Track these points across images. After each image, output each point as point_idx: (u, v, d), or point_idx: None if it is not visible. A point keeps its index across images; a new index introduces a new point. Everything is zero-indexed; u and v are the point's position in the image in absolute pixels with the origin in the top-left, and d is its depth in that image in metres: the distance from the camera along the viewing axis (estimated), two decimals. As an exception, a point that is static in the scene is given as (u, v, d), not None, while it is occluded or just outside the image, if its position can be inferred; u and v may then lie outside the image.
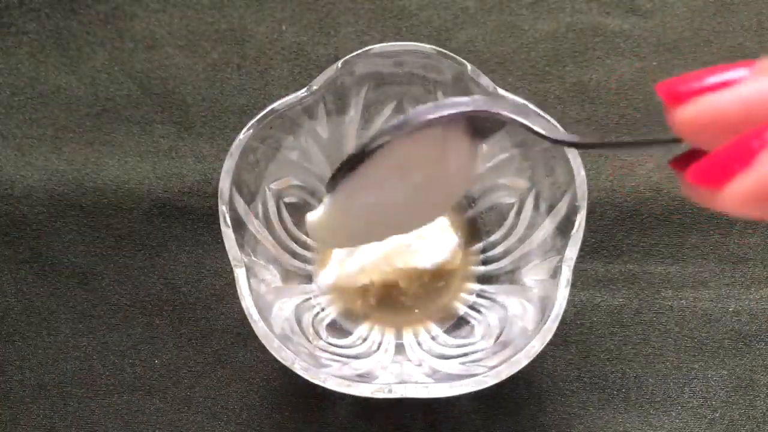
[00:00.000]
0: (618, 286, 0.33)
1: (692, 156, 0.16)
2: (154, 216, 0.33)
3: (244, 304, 0.25)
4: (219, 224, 0.26)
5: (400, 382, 0.25)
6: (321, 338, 0.29)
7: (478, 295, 0.31)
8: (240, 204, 0.27)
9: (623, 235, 0.34)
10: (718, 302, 0.33)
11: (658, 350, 0.32)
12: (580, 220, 0.26)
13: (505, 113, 0.21)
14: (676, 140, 0.16)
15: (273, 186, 0.30)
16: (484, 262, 0.32)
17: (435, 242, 0.32)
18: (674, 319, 0.33)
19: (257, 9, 0.36)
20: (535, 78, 0.35)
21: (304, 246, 0.31)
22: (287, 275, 0.30)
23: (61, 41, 0.36)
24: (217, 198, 0.26)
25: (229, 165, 0.26)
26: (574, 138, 0.20)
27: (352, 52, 0.28)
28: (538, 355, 0.24)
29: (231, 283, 0.25)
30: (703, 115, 0.15)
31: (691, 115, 0.15)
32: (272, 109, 0.27)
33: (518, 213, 0.30)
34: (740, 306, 0.33)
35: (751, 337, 0.32)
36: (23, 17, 0.36)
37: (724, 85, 0.15)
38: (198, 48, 0.36)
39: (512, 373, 0.24)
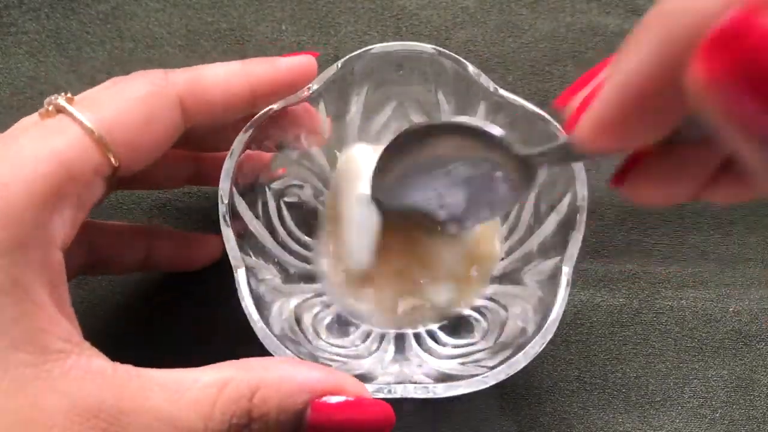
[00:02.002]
0: (618, 286, 0.33)
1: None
2: (154, 216, 0.33)
3: (244, 304, 0.25)
4: (219, 224, 0.26)
5: (400, 382, 0.25)
6: (321, 338, 0.29)
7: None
8: (240, 204, 0.27)
9: (623, 235, 0.34)
10: (718, 302, 0.33)
11: (658, 350, 0.32)
12: (581, 220, 0.26)
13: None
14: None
15: (273, 186, 0.30)
16: None
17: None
18: (674, 319, 0.33)
19: (257, 9, 0.36)
20: (535, 78, 0.35)
21: (305, 246, 0.31)
22: (287, 275, 0.30)
23: (61, 41, 0.35)
24: (217, 198, 0.26)
25: (229, 165, 0.26)
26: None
27: (351, 51, 0.28)
28: (538, 355, 0.24)
29: (231, 283, 0.25)
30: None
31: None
32: (272, 109, 0.27)
33: (519, 213, 0.30)
34: (740, 306, 0.33)
35: (751, 337, 0.32)
36: (23, 17, 0.36)
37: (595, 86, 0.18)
38: (198, 48, 0.36)
39: (512, 373, 0.24)
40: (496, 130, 0.23)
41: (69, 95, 0.22)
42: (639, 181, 0.19)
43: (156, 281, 0.33)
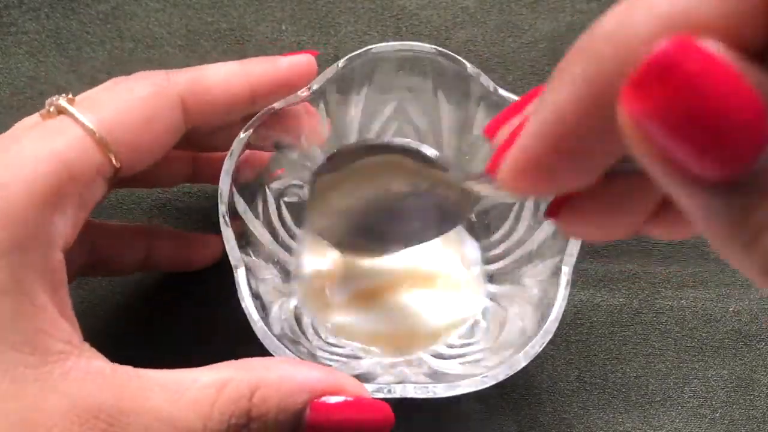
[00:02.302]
0: (618, 286, 0.33)
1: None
2: (154, 216, 0.33)
3: (243, 304, 0.25)
4: (219, 224, 0.26)
5: (400, 382, 0.24)
6: (320, 338, 0.29)
7: (479, 295, 0.31)
8: (240, 204, 0.27)
9: (623, 234, 0.34)
10: (718, 302, 0.33)
11: (658, 350, 0.32)
12: None
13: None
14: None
15: (273, 185, 0.30)
16: (485, 262, 0.31)
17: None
18: (674, 319, 0.33)
19: (257, 8, 0.36)
20: (535, 78, 0.35)
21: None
22: (287, 275, 0.30)
23: (61, 41, 0.35)
24: (217, 198, 0.26)
25: (228, 165, 0.26)
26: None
27: (351, 51, 0.28)
28: (538, 355, 0.24)
29: (231, 283, 0.25)
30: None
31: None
32: (272, 108, 0.27)
33: (519, 213, 0.30)
34: (740, 306, 0.33)
35: (751, 336, 0.32)
36: (23, 17, 0.36)
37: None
38: (198, 47, 0.36)
39: (511, 374, 0.24)
40: (431, 152, 0.23)
41: (70, 96, 0.22)
42: (574, 216, 0.17)
43: (156, 281, 0.33)
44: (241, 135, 0.26)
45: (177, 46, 0.36)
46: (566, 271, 0.25)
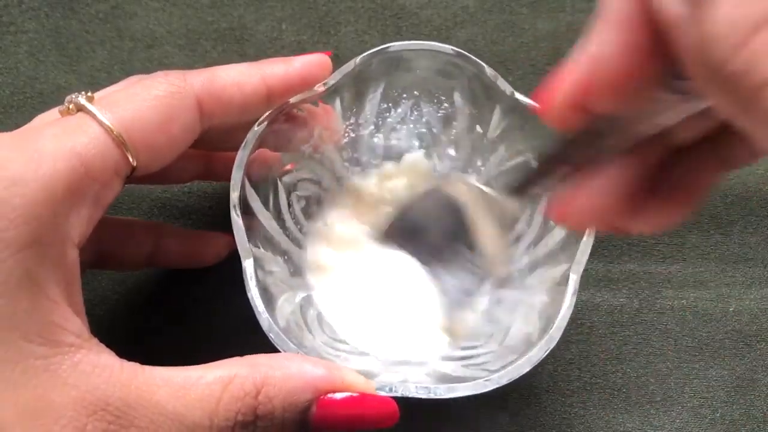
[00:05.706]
0: (618, 286, 0.33)
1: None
2: (154, 216, 0.33)
3: (250, 295, 0.24)
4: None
5: (402, 381, 0.24)
6: (325, 333, 0.29)
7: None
8: (251, 195, 0.27)
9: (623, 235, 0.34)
10: (718, 302, 0.33)
11: (658, 350, 0.32)
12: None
13: None
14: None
15: (285, 179, 0.29)
16: None
17: None
18: (674, 319, 0.33)
19: (257, 8, 0.36)
20: (535, 77, 0.35)
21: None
22: (295, 268, 0.30)
23: (61, 40, 0.35)
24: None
25: (242, 155, 0.26)
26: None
27: (351, 51, 0.28)
28: (539, 356, 0.24)
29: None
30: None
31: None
32: (288, 102, 0.27)
33: (529, 219, 0.30)
34: (740, 306, 0.33)
35: (751, 337, 0.33)
36: (22, 16, 0.36)
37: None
38: (197, 47, 0.36)
39: (513, 379, 0.24)
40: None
41: (89, 93, 0.22)
42: (564, 206, 0.19)
43: (158, 280, 0.33)
44: (256, 127, 0.26)
45: (177, 46, 0.35)
46: (574, 279, 0.25)
